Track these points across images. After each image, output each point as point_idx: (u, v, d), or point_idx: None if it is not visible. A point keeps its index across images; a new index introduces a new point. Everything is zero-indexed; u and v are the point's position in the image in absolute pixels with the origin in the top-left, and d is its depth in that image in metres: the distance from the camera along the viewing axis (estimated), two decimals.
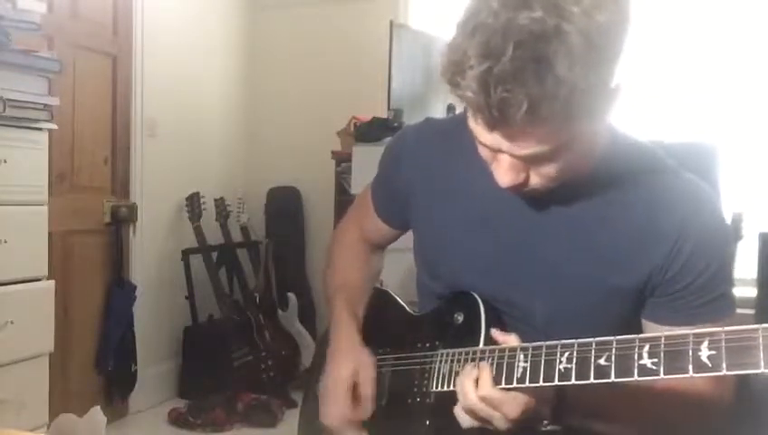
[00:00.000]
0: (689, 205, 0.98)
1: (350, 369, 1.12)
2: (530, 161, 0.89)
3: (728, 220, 1.07)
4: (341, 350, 1.15)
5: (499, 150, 0.89)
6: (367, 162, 1.30)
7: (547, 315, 1.02)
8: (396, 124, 2.85)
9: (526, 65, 0.77)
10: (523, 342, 0.91)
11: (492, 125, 0.84)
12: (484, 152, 0.93)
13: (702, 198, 0.99)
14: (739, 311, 1.00)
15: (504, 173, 0.91)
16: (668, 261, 0.97)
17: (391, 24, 3.05)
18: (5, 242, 2.01)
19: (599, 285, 1.00)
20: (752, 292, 2.38)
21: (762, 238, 2.42)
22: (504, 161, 0.90)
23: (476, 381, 0.91)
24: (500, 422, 0.90)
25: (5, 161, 2.00)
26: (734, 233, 2.37)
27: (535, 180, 0.92)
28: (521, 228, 1.04)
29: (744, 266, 2.41)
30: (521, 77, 0.78)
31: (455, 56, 0.82)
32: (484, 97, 0.80)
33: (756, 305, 2.33)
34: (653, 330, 1.01)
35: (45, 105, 2.12)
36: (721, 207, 1.01)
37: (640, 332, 1.02)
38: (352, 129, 3.22)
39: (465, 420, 0.95)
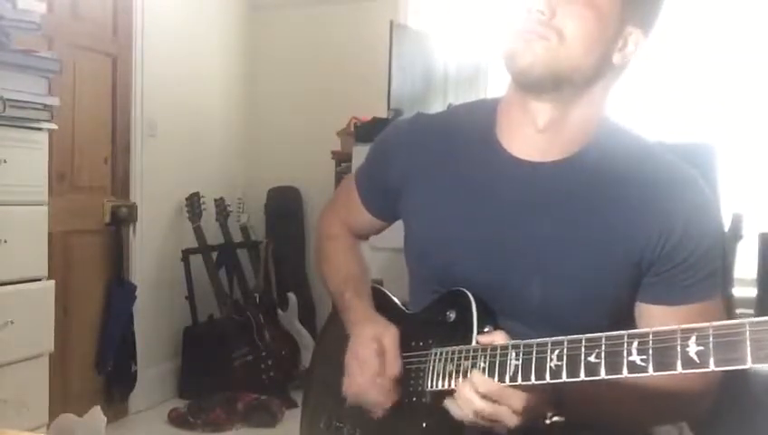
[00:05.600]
0: (677, 186, 1.01)
1: (373, 331, 1.11)
2: None
3: (728, 220, 1.09)
4: (361, 320, 1.15)
5: None
6: None
7: (542, 301, 1.03)
8: None
9: None
10: (521, 327, 0.92)
11: None
12: None
13: (689, 180, 1.03)
14: (739, 311, 1.01)
15: None
16: (660, 241, 1.00)
17: (391, 24, 3.05)
18: (5, 242, 2.01)
19: (592, 269, 1.01)
20: (752, 292, 2.37)
21: (762, 238, 2.41)
22: None
23: (473, 384, 0.92)
24: (508, 417, 0.90)
25: (5, 161, 2.00)
26: (734, 233, 2.37)
27: (562, 20, 0.95)
28: (515, 216, 1.05)
29: (744, 266, 2.40)
30: None
31: None
32: None
33: (756, 305, 2.33)
34: (649, 312, 1.03)
35: (45, 105, 2.12)
36: (705, 187, 1.04)
37: (635, 317, 1.05)
38: (352, 129, 3.22)
39: (463, 414, 0.94)
